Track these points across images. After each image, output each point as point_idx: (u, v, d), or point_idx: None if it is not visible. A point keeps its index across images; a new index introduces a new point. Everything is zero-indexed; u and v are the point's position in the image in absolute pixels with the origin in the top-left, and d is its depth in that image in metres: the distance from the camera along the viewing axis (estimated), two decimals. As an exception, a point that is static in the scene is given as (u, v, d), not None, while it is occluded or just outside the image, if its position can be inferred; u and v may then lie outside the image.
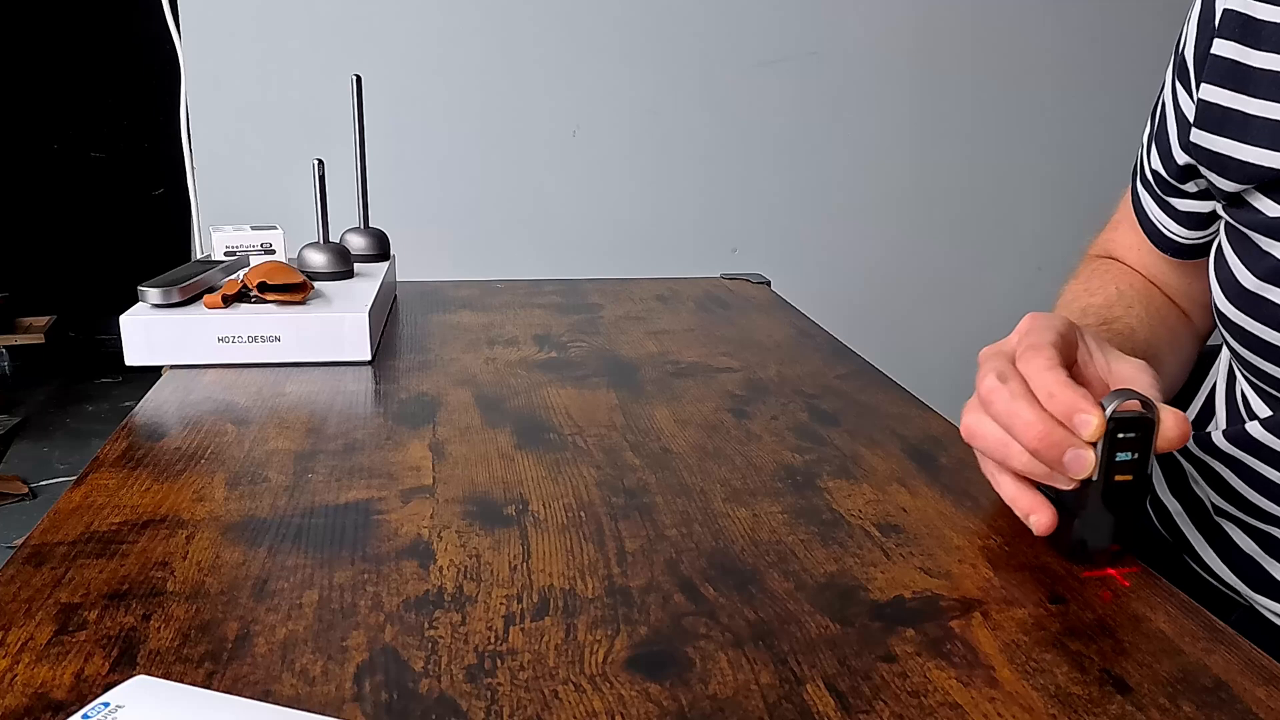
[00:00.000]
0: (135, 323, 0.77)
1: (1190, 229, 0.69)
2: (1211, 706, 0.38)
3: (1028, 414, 0.48)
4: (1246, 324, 0.59)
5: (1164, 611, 0.45)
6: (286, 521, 0.52)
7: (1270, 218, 0.57)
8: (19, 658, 0.39)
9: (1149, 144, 0.69)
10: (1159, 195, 0.69)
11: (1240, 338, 0.60)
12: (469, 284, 1.11)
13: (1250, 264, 0.58)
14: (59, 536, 0.49)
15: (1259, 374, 0.60)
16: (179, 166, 1.64)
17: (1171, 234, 0.70)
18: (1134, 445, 0.48)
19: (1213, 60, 0.59)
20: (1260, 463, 0.60)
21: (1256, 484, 0.61)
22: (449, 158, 1.72)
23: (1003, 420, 0.50)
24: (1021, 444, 0.49)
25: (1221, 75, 0.58)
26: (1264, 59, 0.56)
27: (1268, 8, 0.57)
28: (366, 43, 1.65)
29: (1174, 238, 0.70)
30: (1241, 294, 0.59)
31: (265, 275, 0.80)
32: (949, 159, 1.86)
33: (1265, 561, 0.63)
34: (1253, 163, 0.57)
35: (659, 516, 0.53)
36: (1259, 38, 0.57)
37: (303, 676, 0.38)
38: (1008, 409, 0.49)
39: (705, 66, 1.75)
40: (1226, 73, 0.58)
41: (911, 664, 0.40)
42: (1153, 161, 0.68)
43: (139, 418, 0.68)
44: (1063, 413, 0.48)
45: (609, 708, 0.37)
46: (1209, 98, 0.59)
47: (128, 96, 3.87)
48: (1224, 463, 0.63)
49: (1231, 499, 0.64)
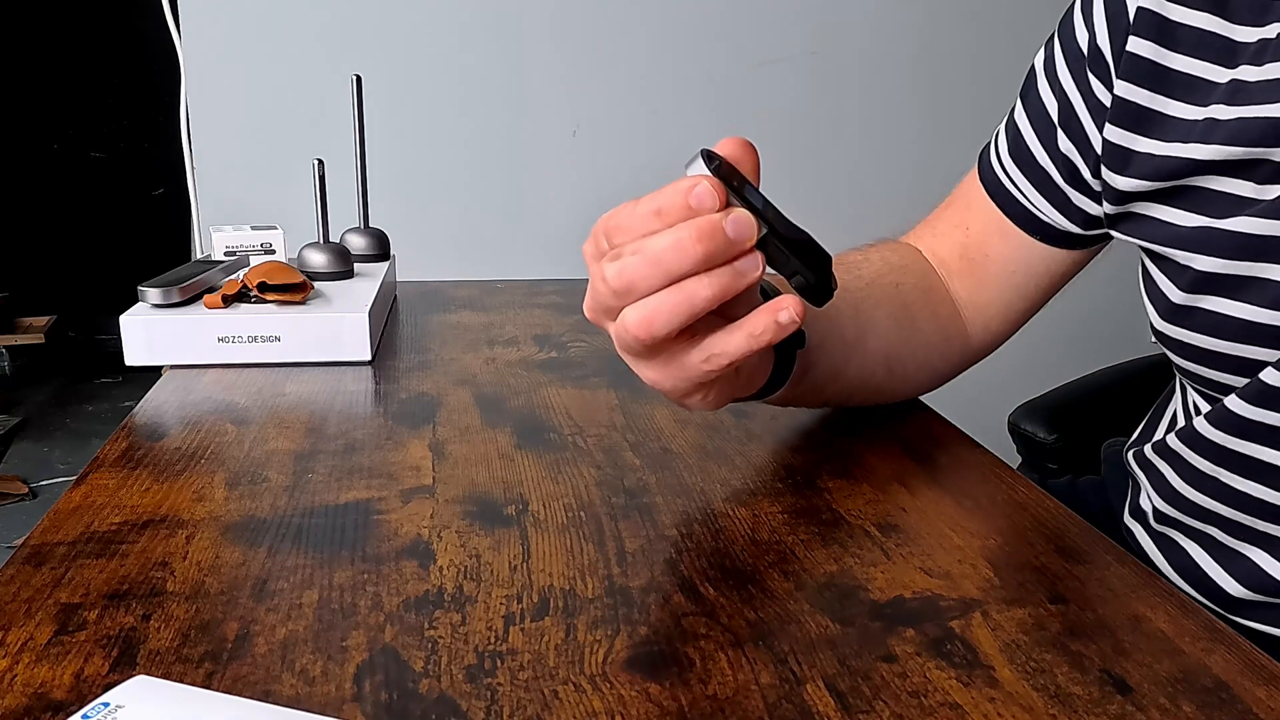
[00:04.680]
0: (135, 323, 0.77)
1: (1072, 221, 0.67)
2: (1211, 706, 0.38)
3: (660, 213, 0.46)
4: (1183, 336, 0.59)
5: (1164, 611, 0.45)
6: (286, 521, 0.52)
7: (1184, 228, 0.57)
8: (19, 658, 0.39)
9: (1046, 128, 0.67)
10: (1053, 181, 0.67)
11: (1181, 351, 0.60)
12: (469, 284, 1.11)
13: (1174, 278, 0.58)
14: (59, 536, 0.49)
15: (1204, 382, 0.60)
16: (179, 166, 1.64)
17: (1046, 217, 0.68)
18: (743, 183, 0.47)
19: (1129, 58, 0.59)
20: (1201, 458, 0.60)
21: (1196, 481, 0.61)
22: (449, 158, 1.72)
23: (641, 229, 0.47)
24: (676, 243, 0.45)
25: (1139, 74, 0.59)
26: (1181, 61, 0.58)
27: (1182, 10, 0.57)
28: (366, 43, 1.66)
29: (1047, 220, 0.68)
30: (1173, 309, 0.59)
31: (265, 275, 0.80)
32: (949, 159, 1.86)
33: (1207, 565, 0.63)
34: (1167, 155, 0.57)
35: (659, 516, 0.53)
36: (1174, 39, 0.58)
37: (303, 676, 0.38)
38: (635, 221, 0.47)
39: (705, 66, 1.75)
40: (1144, 73, 0.59)
41: (911, 664, 0.40)
42: (1061, 145, 0.65)
43: (139, 418, 0.68)
44: (679, 207, 0.45)
45: (609, 708, 0.37)
46: (1126, 95, 0.60)
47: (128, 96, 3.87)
48: (1170, 462, 0.63)
49: (1174, 502, 0.64)
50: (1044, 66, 0.67)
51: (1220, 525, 0.61)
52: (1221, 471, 0.59)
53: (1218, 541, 0.62)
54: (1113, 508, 0.74)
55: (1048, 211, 0.67)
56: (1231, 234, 0.55)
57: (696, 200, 0.45)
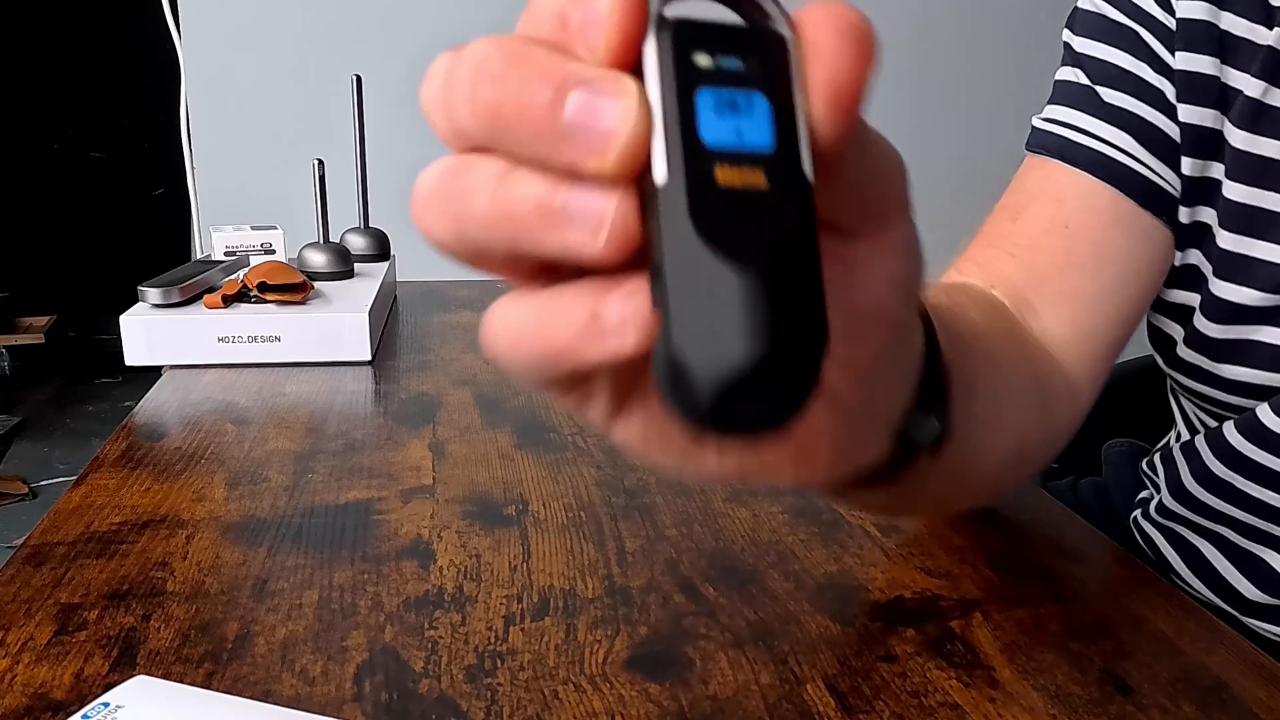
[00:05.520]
0: (135, 323, 0.77)
1: (1166, 163, 0.55)
2: (1211, 706, 0.38)
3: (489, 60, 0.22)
4: (1211, 367, 0.57)
5: (1164, 611, 0.45)
6: (286, 521, 0.52)
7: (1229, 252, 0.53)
8: (19, 658, 0.39)
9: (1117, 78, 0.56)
10: (1148, 124, 0.55)
11: (1200, 377, 0.58)
12: (469, 284, 1.11)
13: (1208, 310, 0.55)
14: (59, 536, 0.49)
15: (1213, 402, 0.59)
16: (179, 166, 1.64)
17: (1157, 177, 0.55)
18: (747, 85, 0.20)
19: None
20: (1219, 462, 0.59)
21: (1208, 483, 0.60)
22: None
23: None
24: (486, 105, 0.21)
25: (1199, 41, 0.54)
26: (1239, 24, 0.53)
27: None
28: (366, 43, 1.65)
29: (1159, 181, 0.55)
30: (1204, 341, 0.56)
31: (265, 275, 0.80)
32: (950, 158, 1.86)
33: (1221, 566, 0.63)
34: (1234, 86, 0.53)
35: (659, 516, 0.53)
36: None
37: (303, 676, 0.38)
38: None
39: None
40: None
41: (911, 664, 0.40)
42: (1148, 76, 0.55)
43: (139, 418, 0.68)
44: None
45: (609, 708, 0.37)
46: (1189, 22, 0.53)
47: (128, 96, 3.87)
48: (1189, 460, 0.62)
49: (1184, 500, 0.62)
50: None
51: (1231, 526, 0.61)
52: (1236, 477, 0.59)
53: (1230, 542, 0.62)
54: (1115, 509, 0.74)
55: (1154, 165, 0.54)
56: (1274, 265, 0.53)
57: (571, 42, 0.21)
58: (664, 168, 0.20)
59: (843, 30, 0.21)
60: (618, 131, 0.20)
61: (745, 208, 0.20)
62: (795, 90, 0.21)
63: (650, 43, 0.20)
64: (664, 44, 0.20)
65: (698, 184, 0.20)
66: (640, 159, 0.20)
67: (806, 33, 0.21)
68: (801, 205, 0.20)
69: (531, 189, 0.21)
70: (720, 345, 0.19)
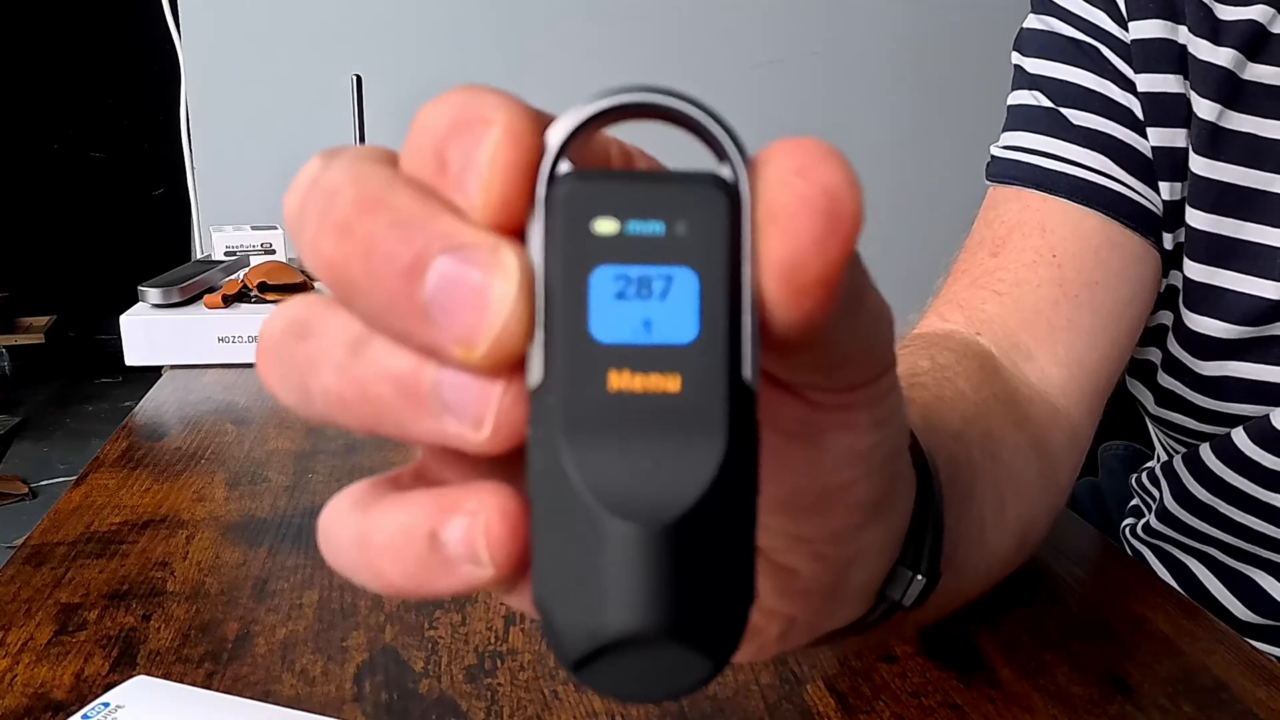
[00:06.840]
0: (135, 323, 0.77)
1: (1146, 182, 0.52)
2: (1211, 707, 0.38)
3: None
4: (1194, 398, 0.56)
5: (1164, 611, 0.45)
6: (286, 521, 0.52)
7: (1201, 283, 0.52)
8: (19, 658, 0.39)
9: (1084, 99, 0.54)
10: (1119, 142, 0.53)
11: (1180, 408, 0.57)
12: (469, 284, 1.11)
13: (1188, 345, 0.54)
14: (59, 536, 0.49)
15: (1183, 430, 0.58)
16: (179, 166, 1.64)
17: (1137, 196, 0.52)
18: (668, 258, 0.16)
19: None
20: (1200, 486, 0.58)
21: (1191, 506, 0.59)
22: (449, 158, 1.72)
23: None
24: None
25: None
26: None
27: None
28: (366, 43, 1.65)
29: (1139, 200, 0.52)
30: (1190, 375, 0.55)
31: (265, 275, 0.80)
32: (950, 159, 1.86)
33: (1212, 586, 0.62)
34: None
35: (659, 516, 0.53)
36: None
37: (303, 676, 0.38)
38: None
39: (705, 66, 1.75)
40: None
41: (911, 664, 0.40)
42: (1114, 95, 0.53)
43: (139, 418, 0.68)
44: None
45: (609, 708, 0.37)
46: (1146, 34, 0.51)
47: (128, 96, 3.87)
48: (1170, 482, 0.61)
49: (1169, 522, 0.62)
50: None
51: (1218, 547, 0.60)
52: (1217, 500, 0.58)
53: (1219, 562, 0.61)
54: (1109, 511, 0.74)
55: (1136, 186, 0.52)
56: (1257, 298, 0.51)
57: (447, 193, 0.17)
58: (539, 369, 0.16)
59: (811, 190, 0.16)
60: (489, 321, 0.16)
61: (646, 426, 0.15)
62: (743, 261, 0.16)
63: (538, 201, 0.16)
64: (555, 203, 0.16)
65: (579, 393, 0.15)
66: (519, 351, 0.16)
67: (764, 185, 0.16)
68: (732, 422, 0.15)
69: (392, 364, 0.17)
70: (591, 609, 0.15)
